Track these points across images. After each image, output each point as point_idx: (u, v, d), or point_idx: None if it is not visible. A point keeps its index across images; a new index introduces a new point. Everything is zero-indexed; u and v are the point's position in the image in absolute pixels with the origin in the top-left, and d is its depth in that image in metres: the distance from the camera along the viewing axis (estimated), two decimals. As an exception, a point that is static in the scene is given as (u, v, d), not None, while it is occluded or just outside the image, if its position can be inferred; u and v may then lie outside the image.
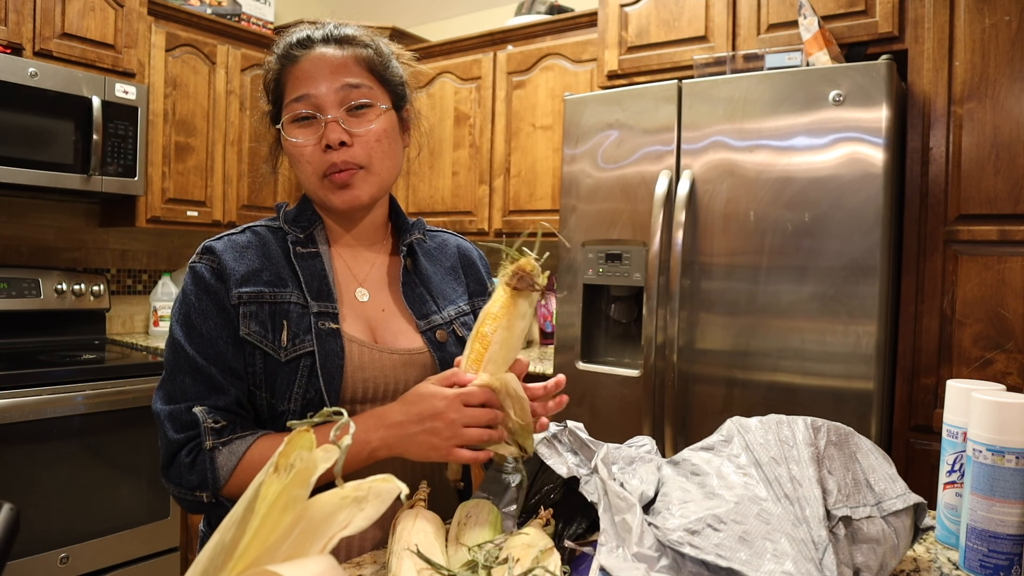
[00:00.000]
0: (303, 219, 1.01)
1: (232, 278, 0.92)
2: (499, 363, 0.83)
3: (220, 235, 0.98)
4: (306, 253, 0.98)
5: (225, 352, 0.91)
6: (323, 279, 0.97)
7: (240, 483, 0.87)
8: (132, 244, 3.00)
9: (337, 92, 0.94)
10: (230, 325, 0.92)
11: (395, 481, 0.46)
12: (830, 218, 1.74)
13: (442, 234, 1.16)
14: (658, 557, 0.68)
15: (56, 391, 2.11)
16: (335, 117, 0.94)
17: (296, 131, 0.96)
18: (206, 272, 0.93)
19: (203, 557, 0.47)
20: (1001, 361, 1.70)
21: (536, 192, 2.79)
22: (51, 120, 2.30)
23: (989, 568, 0.80)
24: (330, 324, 0.93)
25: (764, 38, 2.07)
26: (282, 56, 0.98)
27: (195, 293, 0.93)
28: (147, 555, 2.31)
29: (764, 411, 0.89)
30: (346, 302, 0.99)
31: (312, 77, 0.95)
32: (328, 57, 0.96)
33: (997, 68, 1.72)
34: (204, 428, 0.88)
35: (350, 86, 0.95)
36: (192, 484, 0.88)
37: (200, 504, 0.89)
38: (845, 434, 0.80)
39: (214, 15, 2.86)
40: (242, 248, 0.96)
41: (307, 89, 0.94)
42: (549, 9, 2.91)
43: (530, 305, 0.84)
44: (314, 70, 0.95)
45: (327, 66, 0.95)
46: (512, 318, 0.83)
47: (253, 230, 1.00)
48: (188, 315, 0.92)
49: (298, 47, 0.97)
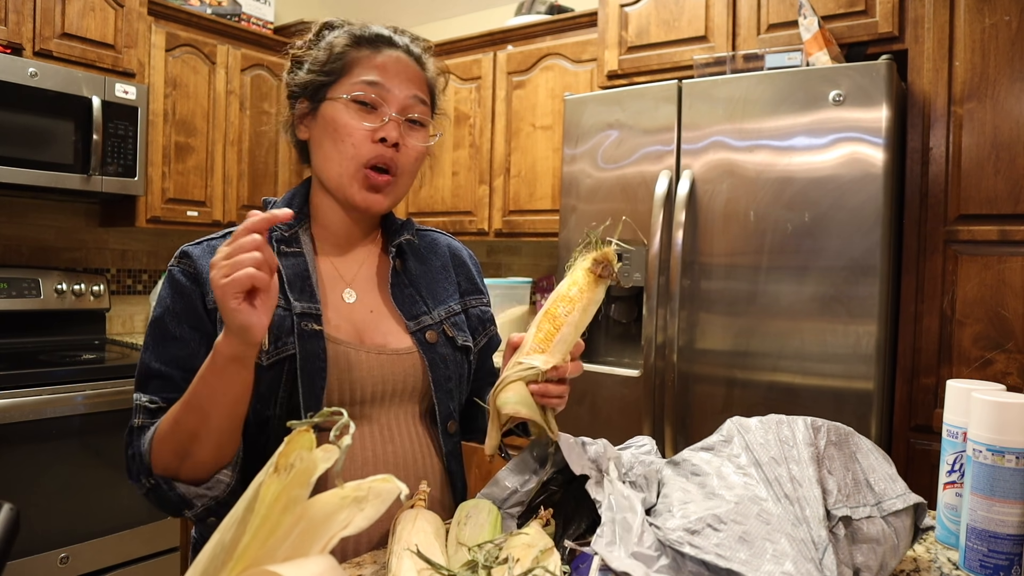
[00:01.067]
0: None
1: (208, 283, 0.90)
2: (567, 344, 0.84)
3: (199, 240, 0.97)
4: (289, 252, 0.97)
5: (196, 354, 0.89)
6: (306, 279, 0.95)
7: (160, 453, 0.84)
8: (132, 244, 3.00)
9: (407, 98, 0.96)
10: (204, 329, 0.90)
11: (395, 481, 0.46)
12: (830, 218, 1.74)
13: (432, 234, 1.15)
14: (658, 556, 0.68)
15: (56, 391, 2.11)
16: (397, 119, 0.95)
17: (353, 112, 0.95)
18: (182, 276, 0.92)
19: (203, 557, 0.47)
20: (1001, 361, 1.70)
21: (536, 192, 2.79)
22: (51, 120, 2.30)
23: (989, 568, 0.80)
24: (312, 325, 0.92)
25: (764, 38, 2.07)
26: (359, 37, 0.98)
27: (170, 296, 0.92)
28: (147, 555, 2.31)
29: (764, 411, 0.89)
30: (331, 303, 0.97)
31: (389, 72, 0.96)
32: (406, 64, 0.98)
33: (997, 68, 1.72)
34: (137, 406, 0.87)
35: (418, 99, 0.98)
36: (135, 472, 0.86)
37: (149, 491, 0.85)
38: (845, 434, 0.80)
39: (214, 15, 2.86)
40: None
41: (382, 79, 0.95)
42: (549, 9, 2.91)
43: (603, 293, 0.86)
44: (393, 67, 0.97)
45: (405, 71, 0.97)
46: (588, 303, 0.85)
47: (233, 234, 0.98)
48: (161, 318, 0.91)
49: (378, 40, 0.98)
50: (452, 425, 1.03)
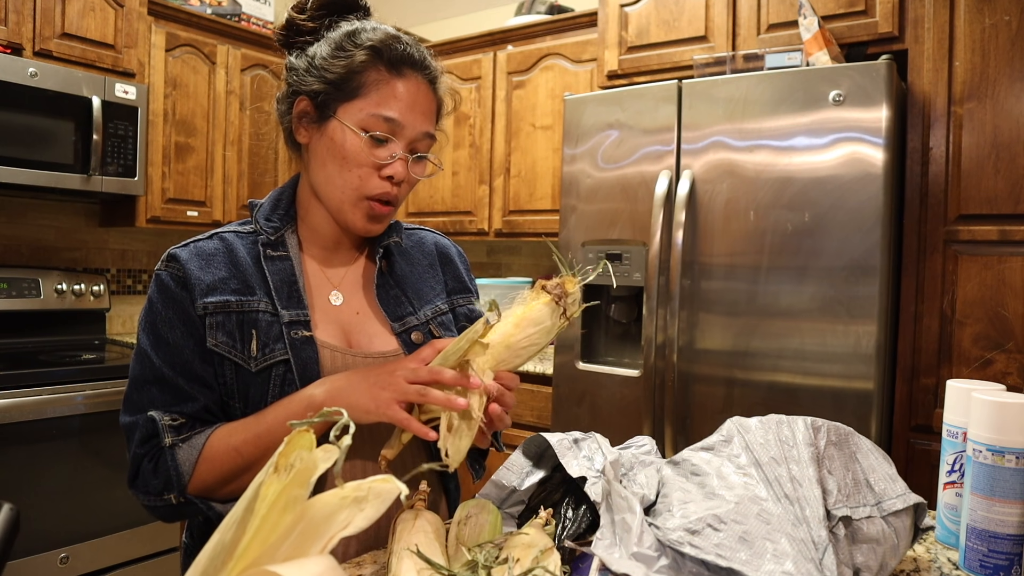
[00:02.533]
0: (275, 218, 0.98)
1: (197, 288, 0.90)
2: (496, 361, 0.82)
3: (187, 241, 0.95)
4: (276, 256, 0.95)
5: (191, 361, 0.89)
6: (293, 284, 0.94)
7: (204, 475, 0.86)
8: (132, 244, 3.00)
9: (418, 136, 0.93)
10: (196, 335, 0.90)
11: (395, 481, 0.45)
12: (830, 218, 1.74)
13: (419, 231, 1.14)
14: (657, 557, 0.68)
15: (56, 391, 2.11)
16: (403, 156, 0.93)
17: (364, 141, 0.91)
18: (170, 281, 0.91)
19: (203, 557, 0.47)
20: (1001, 361, 1.70)
21: (536, 192, 2.79)
22: (51, 120, 2.30)
23: (989, 568, 0.80)
24: (303, 332, 0.91)
25: (764, 38, 2.07)
26: (382, 54, 0.92)
27: (160, 301, 0.91)
28: (147, 555, 2.31)
29: (764, 411, 0.90)
30: (318, 307, 0.97)
31: (406, 107, 0.92)
32: (424, 94, 0.94)
33: (997, 68, 1.72)
34: (162, 426, 0.87)
35: (428, 136, 0.95)
36: (158, 488, 0.87)
37: (170, 508, 0.87)
38: (845, 434, 0.80)
39: (214, 15, 2.86)
40: (208, 256, 0.93)
41: (399, 116, 0.91)
42: (549, 9, 2.91)
43: (551, 320, 0.82)
44: (411, 100, 0.92)
45: (421, 104, 0.94)
46: (546, 336, 0.82)
47: (221, 236, 0.96)
48: (154, 323, 0.91)
49: (402, 61, 0.93)
50: None
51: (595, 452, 0.84)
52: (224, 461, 0.86)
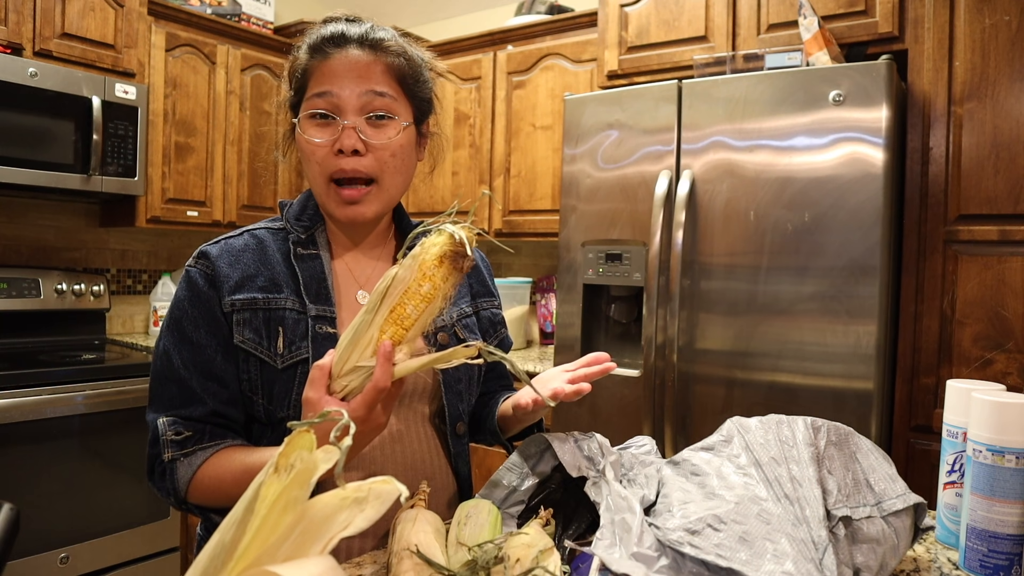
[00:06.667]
0: (305, 217, 1.00)
1: (225, 285, 0.91)
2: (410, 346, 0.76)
3: (218, 238, 0.97)
4: (307, 255, 0.97)
5: (213, 359, 0.90)
6: (322, 281, 0.95)
7: (200, 493, 0.88)
8: (132, 244, 3.00)
9: (360, 97, 0.92)
10: (221, 332, 0.91)
11: (395, 483, 0.45)
12: (830, 218, 1.74)
13: None
14: (657, 557, 0.68)
15: (56, 391, 2.11)
16: (353, 124, 0.91)
17: (312, 129, 0.93)
18: (199, 278, 0.92)
19: (203, 557, 0.47)
20: (1001, 361, 1.70)
21: (536, 192, 2.79)
22: (51, 120, 2.30)
23: (989, 568, 0.80)
24: (327, 328, 0.92)
25: (764, 38, 2.07)
26: (313, 48, 0.95)
27: (188, 299, 0.92)
28: (147, 555, 2.31)
29: (764, 411, 0.90)
30: (345, 305, 0.98)
31: (338, 76, 0.92)
32: (358, 60, 0.93)
33: (997, 68, 1.72)
34: (163, 441, 0.88)
35: (374, 93, 0.92)
36: (165, 491, 0.90)
37: (177, 508, 0.91)
38: (845, 434, 0.80)
39: (214, 15, 2.86)
40: (238, 252, 0.94)
41: (330, 87, 0.92)
42: (549, 9, 2.91)
43: (456, 287, 0.77)
44: (341, 70, 0.92)
45: (355, 69, 0.92)
46: (441, 298, 0.75)
47: (252, 233, 0.98)
48: (180, 320, 0.92)
49: (330, 43, 0.94)
50: (461, 427, 1.03)
51: (595, 452, 0.84)
52: (231, 485, 0.86)
